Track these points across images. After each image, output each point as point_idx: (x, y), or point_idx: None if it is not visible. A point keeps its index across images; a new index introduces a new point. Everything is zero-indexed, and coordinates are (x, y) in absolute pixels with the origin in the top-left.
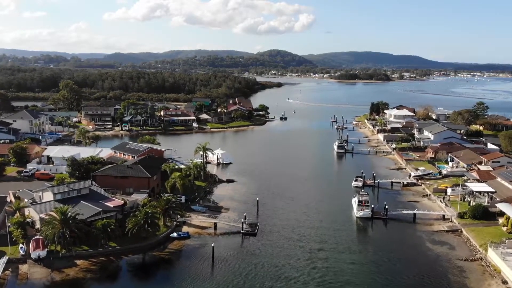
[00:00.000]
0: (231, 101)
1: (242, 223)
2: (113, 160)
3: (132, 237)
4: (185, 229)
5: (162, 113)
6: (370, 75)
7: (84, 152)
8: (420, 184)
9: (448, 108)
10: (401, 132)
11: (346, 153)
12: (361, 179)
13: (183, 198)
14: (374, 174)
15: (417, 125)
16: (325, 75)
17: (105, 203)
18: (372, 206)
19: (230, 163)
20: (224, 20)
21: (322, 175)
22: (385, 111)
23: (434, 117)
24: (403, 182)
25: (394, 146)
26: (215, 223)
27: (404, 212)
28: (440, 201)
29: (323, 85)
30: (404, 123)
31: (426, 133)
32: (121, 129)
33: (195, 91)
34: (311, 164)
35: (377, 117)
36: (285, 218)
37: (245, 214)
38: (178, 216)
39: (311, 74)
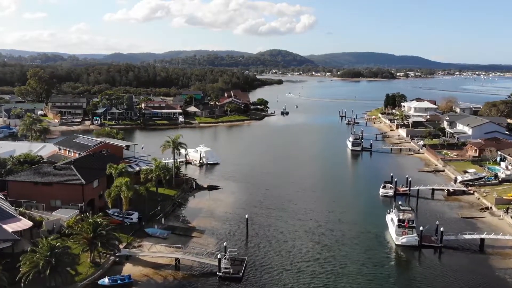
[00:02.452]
0: (225, 94)
1: (219, 259)
2: (55, 159)
3: (31, 286)
4: (127, 269)
5: (142, 105)
6: (374, 73)
7: (22, 149)
8: (472, 192)
9: (468, 103)
10: (426, 127)
11: (363, 151)
12: (391, 185)
13: (134, 216)
14: (410, 180)
15: (448, 118)
16: (328, 74)
17: (3, 226)
18: (421, 228)
19: (217, 163)
20: (225, 21)
21: (336, 181)
22: (402, 103)
23: (458, 110)
24: (448, 190)
25: (422, 142)
26: (177, 259)
27: (468, 236)
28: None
29: (326, 82)
30: (428, 117)
31: (460, 127)
32: (92, 124)
33: (189, 86)
34: (320, 166)
35: (393, 110)
36: (287, 250)
37: (225, 243)
38: (116, 250)
39: (313, 72)
